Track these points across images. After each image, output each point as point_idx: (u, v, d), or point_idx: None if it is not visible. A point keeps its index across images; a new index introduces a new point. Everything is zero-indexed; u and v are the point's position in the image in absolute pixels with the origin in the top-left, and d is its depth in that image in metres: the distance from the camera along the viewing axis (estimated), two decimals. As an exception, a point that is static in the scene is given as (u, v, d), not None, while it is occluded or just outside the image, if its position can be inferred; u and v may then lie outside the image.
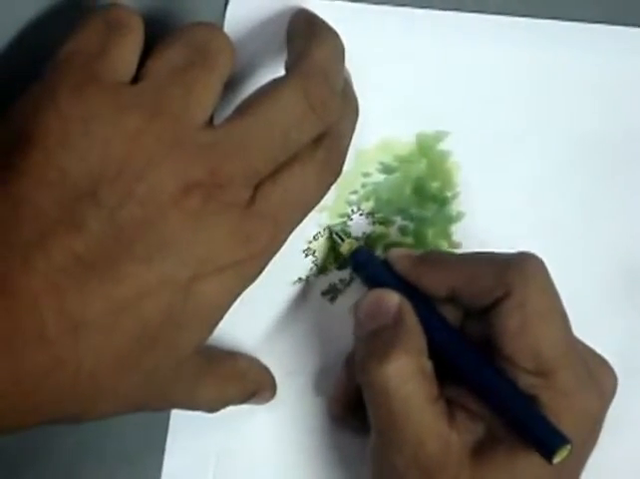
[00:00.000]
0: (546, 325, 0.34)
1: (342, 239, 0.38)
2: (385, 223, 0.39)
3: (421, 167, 0.39)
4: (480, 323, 0.35)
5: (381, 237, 0.39)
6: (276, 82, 0.32)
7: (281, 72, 0.33)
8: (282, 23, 0.36)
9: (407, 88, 0.39)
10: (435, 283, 0.36)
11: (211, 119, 0.32)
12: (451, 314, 0.36)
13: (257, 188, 0.31)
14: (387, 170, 0.39)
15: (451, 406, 0.34)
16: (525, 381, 0.34)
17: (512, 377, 0.34)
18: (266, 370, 0.38)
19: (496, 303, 0.34)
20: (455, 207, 0.40)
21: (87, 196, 0.29)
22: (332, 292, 0.39)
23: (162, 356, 0.31)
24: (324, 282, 0.39)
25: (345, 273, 0.39)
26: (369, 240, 0.39)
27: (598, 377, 0.35)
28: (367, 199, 0.39)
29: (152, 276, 0.29)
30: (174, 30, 0.32)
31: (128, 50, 0.31)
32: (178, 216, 0.30)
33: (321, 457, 0.39)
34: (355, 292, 0.39)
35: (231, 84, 0.35)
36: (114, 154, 0.29)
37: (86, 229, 0.29)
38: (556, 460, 0.32)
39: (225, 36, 0.32)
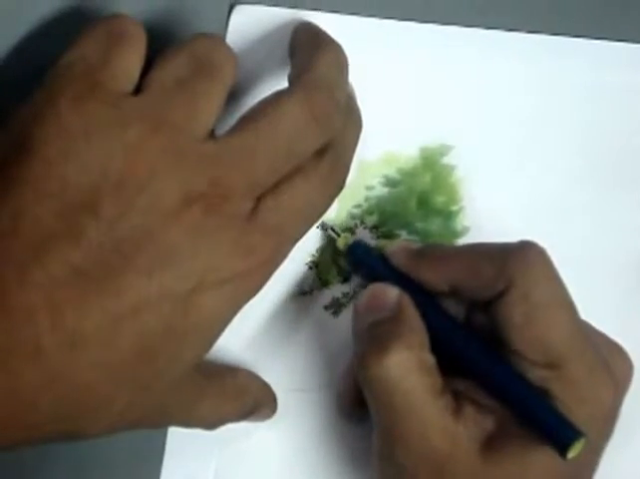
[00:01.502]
0: (552, 316, 0.33)
1: (337, 234, 0.38)
2: (389, 236, 0.39)
3: (425, 180, 0.39)
4: (484, 316, 0.35)
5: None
6: (279, 94, 0.32)
7: (284, 84, 0.33)
8: (285, 35, 0.36)
9: (410, 101, 0.39)
10: (435, 278, 0.35)
11: (213, 130, 0.31)
12: (454, 308, 0.35)
13: (260, 200, 0.31)
14: (391, 183, 0.39)
15: (458, 400, 0.34)
16: (535, 374, 0.33)
17: (522, 370, 0.33)
18: (266, 386, 0.38)
19: (500, 296, 0.34)
20: (460, 221, 0.39)
21: (86, 207, 0.29)
22: (335, 306, 0.39)
23: (161, 370, 0.30)
24: (327, 296, 0.38)
25: (348, 287, 0.39)
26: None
27: (612, 366, 0.34)
28: (370, 212, 0.39)
29: (151, 289, 0.29)
30: (177, 41, 0.32)
31: (130, 60, 0.31)
32: (179, 228, 0.29)
33: (322, 472, 0.39)
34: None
35: (234, 95, 0.35)
36: (114, 165, 0.29)
37: (84, 240, 0.28)
38: (571, 455, 0.31)
39: (228, 47, 0.32)
